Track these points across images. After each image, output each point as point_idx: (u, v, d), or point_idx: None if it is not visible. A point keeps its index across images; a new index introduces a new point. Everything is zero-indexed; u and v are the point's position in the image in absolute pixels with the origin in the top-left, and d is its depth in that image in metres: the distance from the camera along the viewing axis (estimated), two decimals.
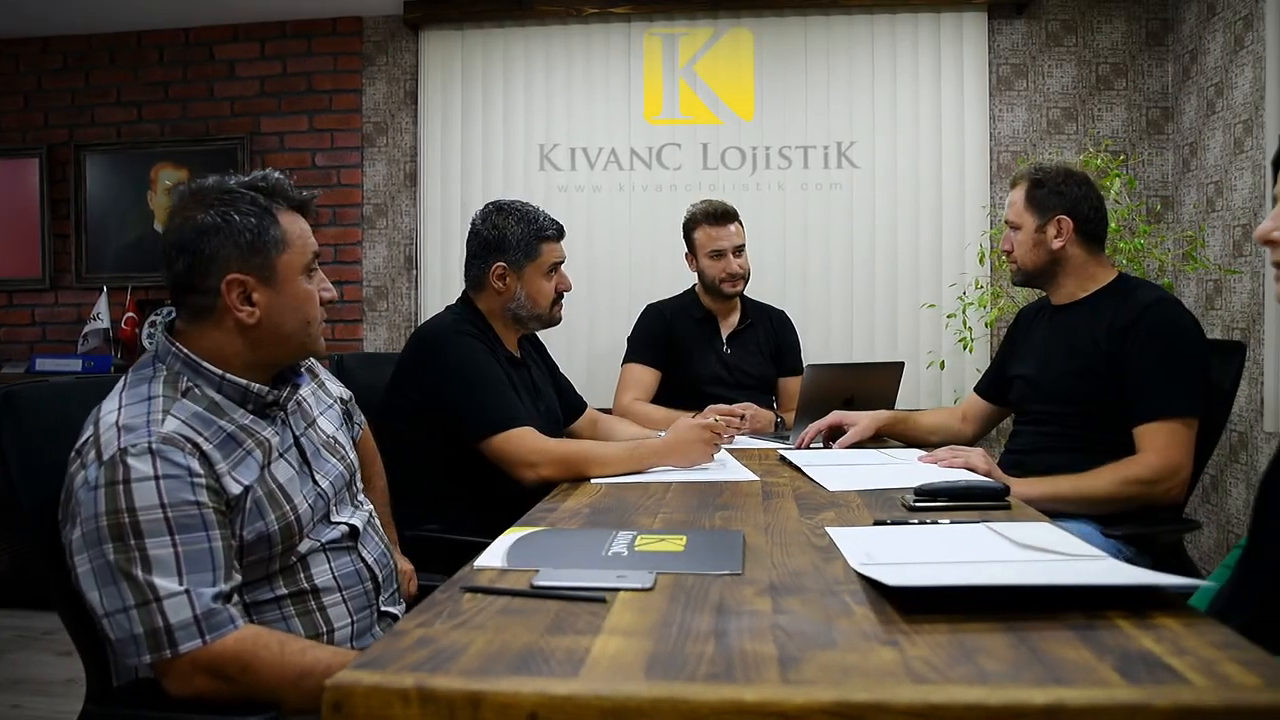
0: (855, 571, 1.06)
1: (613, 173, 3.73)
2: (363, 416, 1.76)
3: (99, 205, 4.07)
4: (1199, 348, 1.92)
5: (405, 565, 1.72)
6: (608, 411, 2.65)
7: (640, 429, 2.38)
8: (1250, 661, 0.78)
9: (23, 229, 4.12)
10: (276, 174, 1.30)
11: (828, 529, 1.31)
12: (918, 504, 1.48)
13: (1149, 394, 1.87)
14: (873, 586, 1.00)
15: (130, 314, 3.89)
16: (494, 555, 1.16)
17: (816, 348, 3.61)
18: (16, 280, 4.14)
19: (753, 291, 3.12)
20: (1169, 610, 0.92)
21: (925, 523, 1.35)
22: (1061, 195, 2.06)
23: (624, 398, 2.79)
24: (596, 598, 0.98)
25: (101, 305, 3.90)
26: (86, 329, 3.90)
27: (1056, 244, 2.05)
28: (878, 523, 1.37)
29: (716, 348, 2.89)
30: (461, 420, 1.91)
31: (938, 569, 1.06)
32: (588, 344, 3.72)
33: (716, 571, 1.08)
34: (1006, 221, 2.16)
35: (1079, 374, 1.99)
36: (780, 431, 2.55)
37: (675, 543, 1.21)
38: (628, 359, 2.88)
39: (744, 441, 2.33)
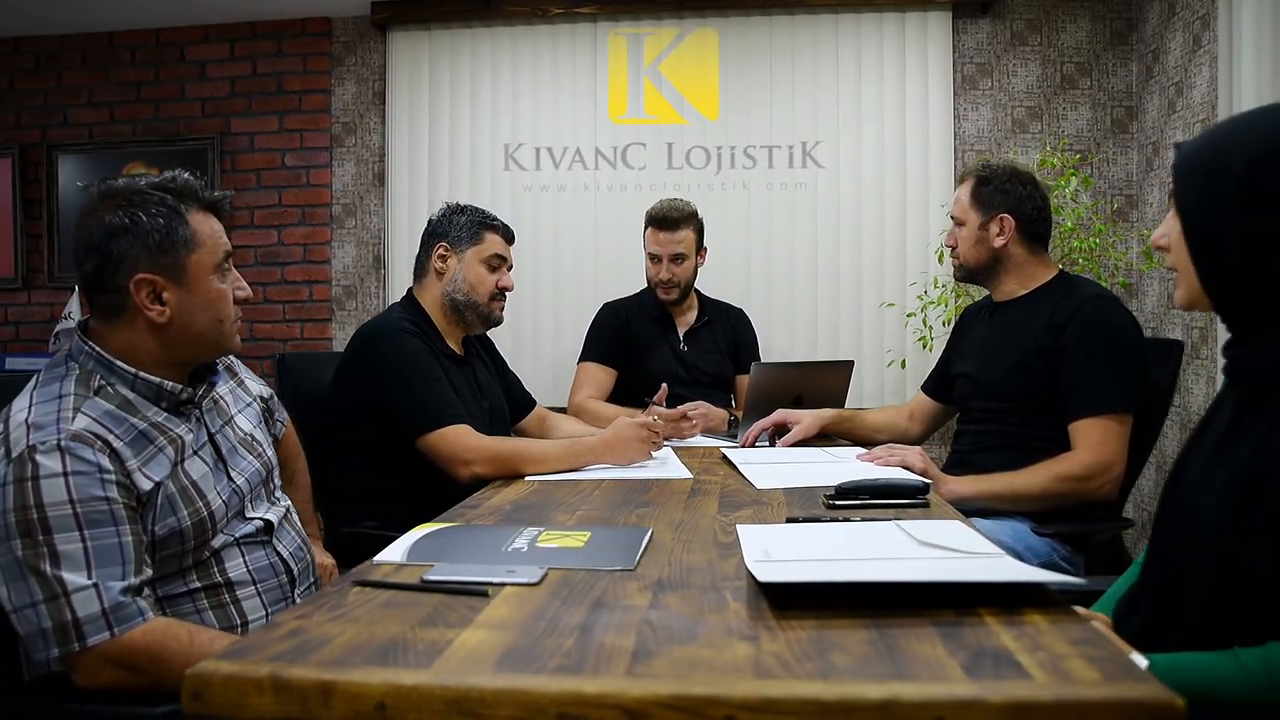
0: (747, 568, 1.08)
1: (578, 172, 3.73)
2: (285, 414, 1.78)
3: (72, 205, 4.07)
4: (1134, 344, 1.92)
5: (325, 560, 1.74)
6: (564, 410, 2.67)
7: (586, 427, 2.38)
8: (1097, 658, 0.79)
9: None
10: (186, 175, 1.32)
11: (737, 526, 1.32)
12: (837, 502, 1.49)
13: (1082, 390, 1.88)
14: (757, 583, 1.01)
15: None
16: (396, 551, 1.17)
17: (781, 346, 3.62)
18: None
19: (716, 290, 3.14)
20: (1043, 608, 0.92)
21: (838, 520, 1.36)
22: (1006, 194, 2.08)
23: (577, 396, 2.79)
24: (479, 592, 0.99)
25: (73, 304, 3.89)
26: (58, 328, 3.89)
27: (999, 242, 2.07)
28: (790, 520, 1.37)
29: (674, 345, 2.89)
30: (400, 417, 1.93)
31: (821, 566, 1.07)
32: (552, 343, 3.73)
33: (608, 567, 1.09)
34: (951, 217, 2.18)
35: (1018, 370, 2.00)
36: (733, 430, 2.56)
37: (577, 539, 1.22)
38: (583, 357, 2.88)
39: (693, 439, 2.34)
